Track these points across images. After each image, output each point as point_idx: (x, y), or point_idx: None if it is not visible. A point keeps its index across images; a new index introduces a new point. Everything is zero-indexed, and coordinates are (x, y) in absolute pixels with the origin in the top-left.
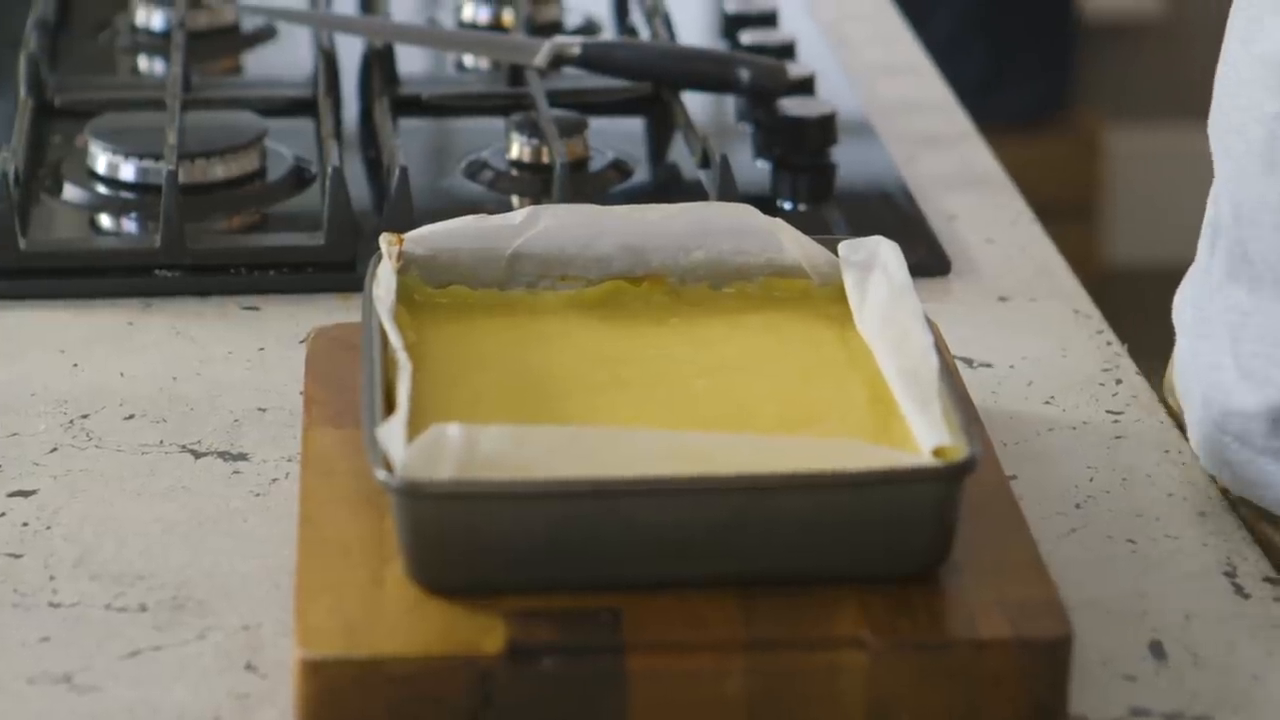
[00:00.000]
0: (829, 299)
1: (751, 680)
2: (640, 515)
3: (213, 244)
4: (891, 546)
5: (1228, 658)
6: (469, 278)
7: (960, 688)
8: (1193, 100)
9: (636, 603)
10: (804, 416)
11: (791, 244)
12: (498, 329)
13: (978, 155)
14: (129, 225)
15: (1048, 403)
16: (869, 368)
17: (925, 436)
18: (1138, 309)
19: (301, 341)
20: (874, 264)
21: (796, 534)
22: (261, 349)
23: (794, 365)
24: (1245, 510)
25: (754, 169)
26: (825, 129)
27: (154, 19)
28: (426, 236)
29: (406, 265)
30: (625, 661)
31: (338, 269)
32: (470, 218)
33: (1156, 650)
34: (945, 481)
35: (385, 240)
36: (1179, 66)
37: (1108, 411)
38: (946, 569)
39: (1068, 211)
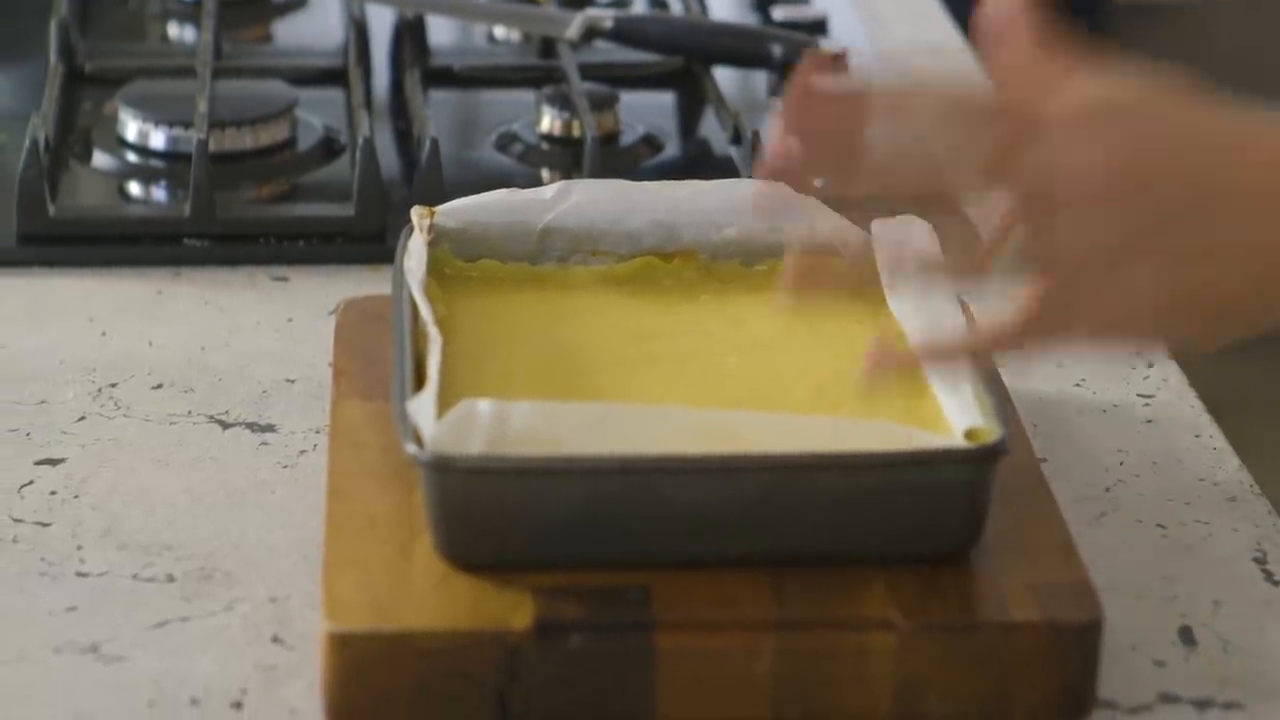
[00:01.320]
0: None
1: (780, 660)
2: (669, 493)
3: (242, 213)
4: (922, 528)
5: (1258, 644)
6: (500, 252)
7: (990, 670)
8: (1222, 81)
9: (666, 580)
10: (836, 395)
11: (824, 222)
12: (528, 303)
13: None
14: (158, 193)
15: (1078, 385)
16: (901, 348)
17: (957, 418)
18: None
19: (330, 313)
20: (906, 243)
21: (827, 514)
22: (290, 320)
23: (826, 344)
24: None
25: None
26: None
27: None
28: (458, 210)
29: (437, 238)
30: (653, 639)
31: (367, 240)
32: (501, 191)
33: (1185, 636)
34: (977, 464)
35: (417, 213)
36: (1210, 46)
37: (1138, 395)
38: (977, 551)
39: None
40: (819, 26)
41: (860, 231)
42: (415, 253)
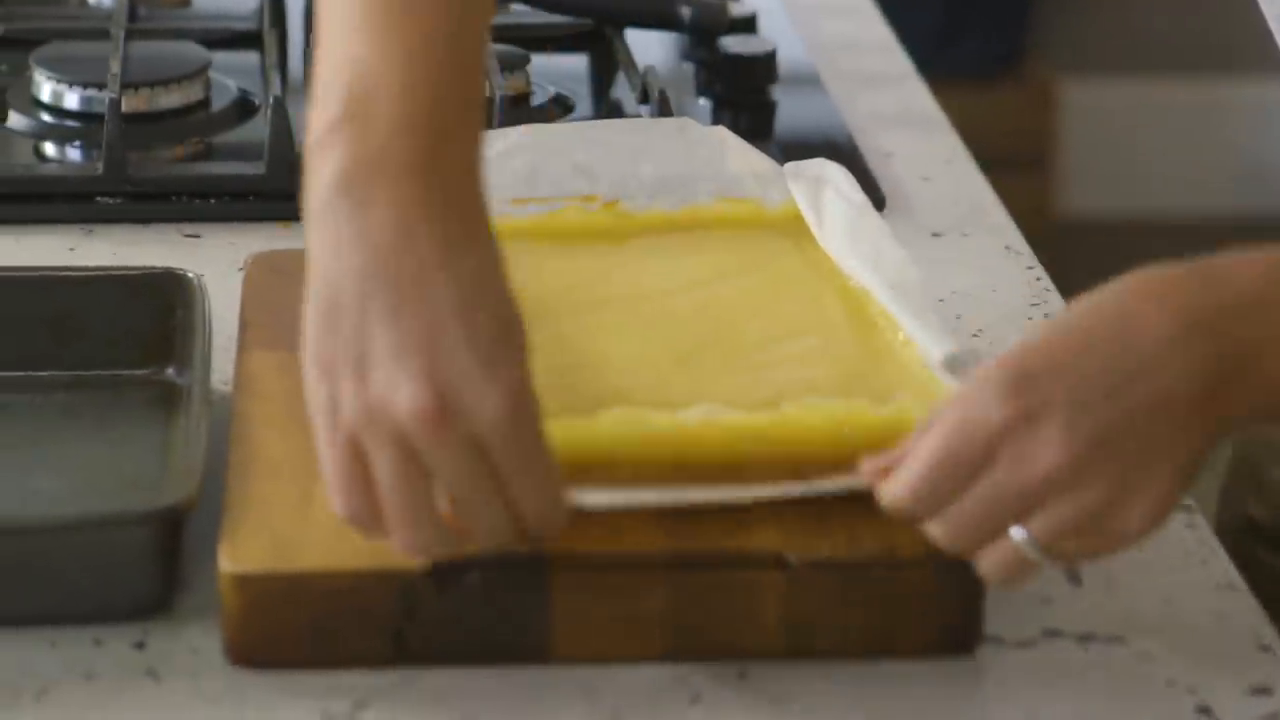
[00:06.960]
0: (782, 218)
1: (672, 596)
2: None
3: (155, 172)
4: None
5: (1140, 582)
6: None
7: (877, 608)
8: (1147, 54)
9: None
10: (788, 330)
11: (735, 152)
12: None
13: (917, 96)
14: (73, 153)
15: (975, 335)
16: (837, 281)
17: (933, 346)
18: (1091, 261)
19: (240, 269)
20: (824, 183)
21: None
22: (201, 275)
23: (764, 281)
24: None
25: (696, 107)
26: (766, 67)
27: None
28: None
29: None
30: (548, 577)
31: (278, 198)
32: None
33: (1071, 574)
34: (157, 524)
35: None
36: (1133, 19)
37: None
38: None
39: (1021, 163)
40: (748, 24)
41: (770, 160)
42: None
